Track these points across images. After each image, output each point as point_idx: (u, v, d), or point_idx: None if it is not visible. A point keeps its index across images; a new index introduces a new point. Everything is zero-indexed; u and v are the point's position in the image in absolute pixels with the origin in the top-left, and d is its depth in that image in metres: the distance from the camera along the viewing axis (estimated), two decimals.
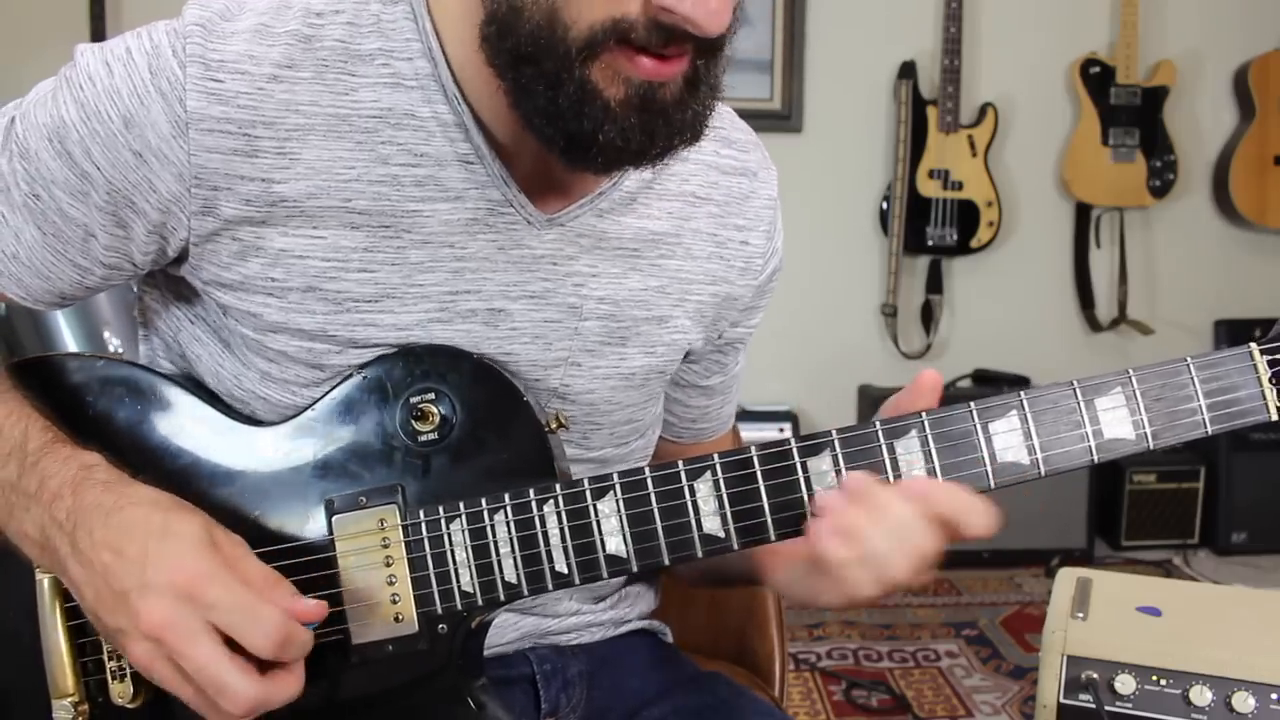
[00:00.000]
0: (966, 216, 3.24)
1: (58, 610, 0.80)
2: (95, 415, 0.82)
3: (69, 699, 0.80)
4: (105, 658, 0.80)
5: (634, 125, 0.71)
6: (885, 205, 3.28)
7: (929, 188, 3.22)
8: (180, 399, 0.83)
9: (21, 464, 0.76)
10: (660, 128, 0.72)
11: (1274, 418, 0.73)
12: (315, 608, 0.73)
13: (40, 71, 0.82)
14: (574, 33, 0.69)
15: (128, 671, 0.79)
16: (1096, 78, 3.25)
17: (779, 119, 3.25)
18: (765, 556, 0.90)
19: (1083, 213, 3.38)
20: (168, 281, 0.87)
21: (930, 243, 3.25)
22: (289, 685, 0.72)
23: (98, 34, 2.87)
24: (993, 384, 3.25)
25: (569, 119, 0.71)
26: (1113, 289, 3.42)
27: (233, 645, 0.70)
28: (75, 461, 0.76)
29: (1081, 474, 3.08)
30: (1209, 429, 0.73)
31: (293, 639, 0.71)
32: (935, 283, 3.35)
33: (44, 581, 0.80)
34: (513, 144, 0.81)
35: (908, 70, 3.21)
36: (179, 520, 0.72)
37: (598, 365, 0.88)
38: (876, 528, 0.72)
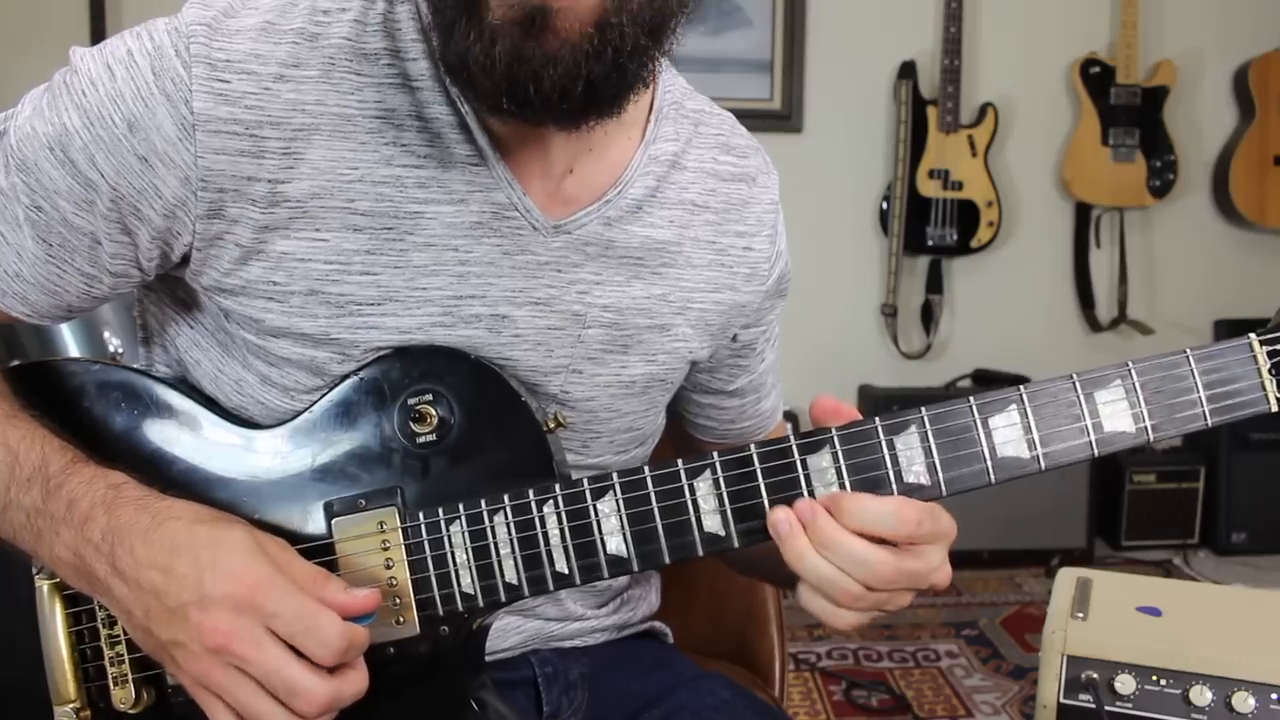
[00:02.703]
0: (966, 216, 3.24)
1: (58, 616, 0.80)
2: (92, 421, 0.82)
3: (70, 705, 0.79)
4: (106, 663, 0.80)
5: (506, 50, 0.67)
6: (885, 205, 3.28)
7: (929, 188, 3.22)
8: (178, 403, 0.82)
9: (45, 487, 0.75)
10: (544, 64, 0.67)
11: (1274, 409, 0.72)
12: (368, 597, 0.73)
13: (39, 71, 0.81)
14: None
15: (129, 677, 0.79)
16: (1096, 78, 3.25)
17: (779, 119, 3.24)
18: None
19: (1083, 213, 3.38)
20: (167, 286, 0.86)
21: (930, 243, 3.25)
22: (356, 681, 0.72)
23: (98, 34, 2.86)
24: (993, 384, 3.23)
25: (454, 43, 0.70)
26: (1113, 289, 3.42)
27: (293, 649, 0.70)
28: (102, 481, 0.75)
29: (1081, 474, 3.08)
30: (1209, 421, 0.72)
31: (353, 644, 0.71)
32: (935, 283, 3.34)
33: (44, 587, 0.80)
34: (518, 147, 0.80)
35: (908, 70, 3.21)
36: (224, 530, 0.72)
37: (599, 373, 0.88)
38: (818, 552, 0.72)
